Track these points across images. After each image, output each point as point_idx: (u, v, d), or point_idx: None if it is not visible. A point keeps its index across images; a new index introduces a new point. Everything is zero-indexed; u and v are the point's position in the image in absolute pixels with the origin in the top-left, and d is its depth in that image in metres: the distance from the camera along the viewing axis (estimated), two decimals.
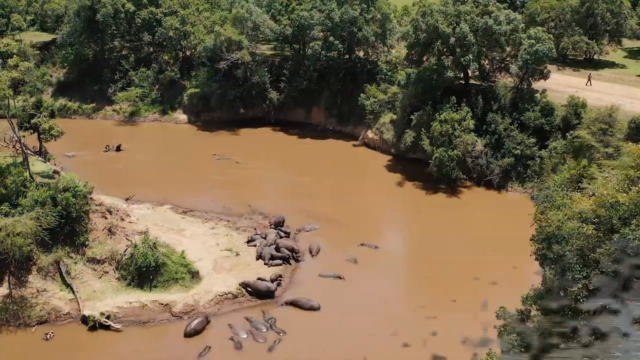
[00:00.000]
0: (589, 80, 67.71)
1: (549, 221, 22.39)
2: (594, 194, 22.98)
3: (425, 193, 59.94)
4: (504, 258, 47.55)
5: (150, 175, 63.84)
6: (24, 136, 46.68)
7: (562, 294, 20.92)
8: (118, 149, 70.35)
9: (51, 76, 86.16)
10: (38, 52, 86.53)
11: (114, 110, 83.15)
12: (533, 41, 60.89)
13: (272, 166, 67.75)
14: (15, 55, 49.36)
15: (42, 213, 40.29)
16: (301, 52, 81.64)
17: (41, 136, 47.55)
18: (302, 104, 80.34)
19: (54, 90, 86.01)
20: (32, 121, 46.46)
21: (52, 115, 55.33)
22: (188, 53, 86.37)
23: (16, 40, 78.78)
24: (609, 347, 11.14)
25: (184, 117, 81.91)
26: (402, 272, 49.15)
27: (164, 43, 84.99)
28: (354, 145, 73.46)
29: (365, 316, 40.28)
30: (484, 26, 61.55)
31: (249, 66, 78.03)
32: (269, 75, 79.23)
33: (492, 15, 62.25)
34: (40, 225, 39.69)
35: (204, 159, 68.52)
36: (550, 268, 22.46)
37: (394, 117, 69.18)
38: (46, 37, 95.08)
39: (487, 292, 44.23)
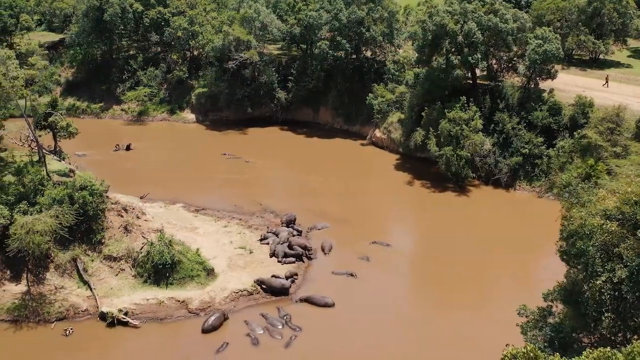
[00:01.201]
0: (607, 81, 68.15)
1: (572, 219, 22.94)
2: (613, 191, 23.46)
3: (434, 191, 60.52)
4: (513, 256, 48.13)
5: (160, 174, 64.30)
6: (40, 135, 47.15)
7: (585, 287, 21.47)
8: (128, 148, 70.82)
9: (59, 76, 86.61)
10: (46, 51, 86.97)
11: (122, 109, 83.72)
12: (540, 41, 61.39)
13: (280, 165, 68.21)
14: (34, 55, 49.52)
15: (61, 211, 40.82)
16: (309, 51, 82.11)
17: (59, 134, 47.98)
18: (309, 103, 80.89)
19: (62, 90, 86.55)
20: (49, 119, 46.87)
21: None
22: (196, 53, 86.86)
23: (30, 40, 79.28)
24: None
25: (192, 116, 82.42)
26: (413, 270, 49.66)
27: (172, 43, 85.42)
28: (362, 145, 74.04)
29: (378, 314, 40.81)
30: (490, 24, 62.02)
31: (257, 66, 78.55)
32: (276, 75, 79.79)
33: (498, 13, 62.76)
34: (60, 223, 40.23)
35: (212, 158, 69.04)
36: (573, 263, 22.99)
37: (402, 116, 69.77)
38: (54, 37, 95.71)
39: (496, 290, 44.87)
